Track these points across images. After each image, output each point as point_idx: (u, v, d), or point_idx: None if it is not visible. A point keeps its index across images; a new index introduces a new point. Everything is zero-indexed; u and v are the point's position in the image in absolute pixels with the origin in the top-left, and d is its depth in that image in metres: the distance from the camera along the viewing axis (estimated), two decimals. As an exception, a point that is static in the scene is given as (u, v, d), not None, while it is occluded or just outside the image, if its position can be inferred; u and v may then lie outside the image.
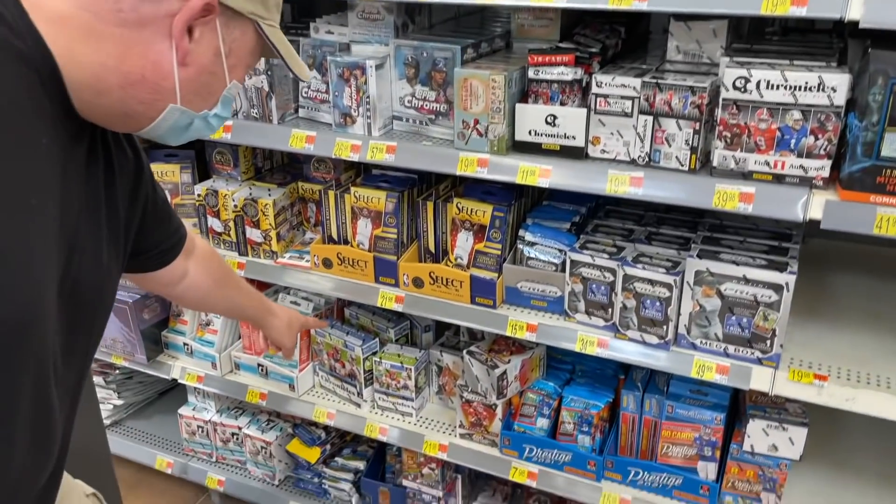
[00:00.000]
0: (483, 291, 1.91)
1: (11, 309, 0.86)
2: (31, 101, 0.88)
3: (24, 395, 0.93)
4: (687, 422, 1.85)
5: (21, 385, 0.92)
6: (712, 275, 1.64)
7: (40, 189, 0.90)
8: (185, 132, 1.07)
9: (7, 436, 0.93)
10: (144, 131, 1.03)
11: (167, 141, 1.08)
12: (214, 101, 1.06)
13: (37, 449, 1.01)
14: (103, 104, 0.95)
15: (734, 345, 1.66)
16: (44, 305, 0.92)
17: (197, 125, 1.07)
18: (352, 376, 2.23)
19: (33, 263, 0.89)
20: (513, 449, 2.04)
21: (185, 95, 0.99)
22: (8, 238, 0.85)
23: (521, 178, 1.71)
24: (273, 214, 2.16)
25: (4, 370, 0.89)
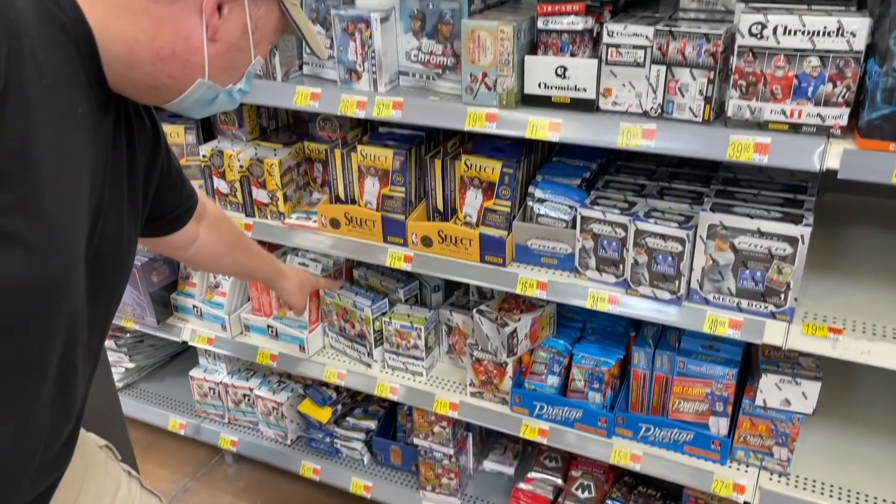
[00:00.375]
0: (493, 249, 1.89)
1: (53, 273, 0.91)
2: (70, 72, 0.91)
3: (54, 355, 0.98)
4: (699, 377, 1.84)
5: (53, 346, 0.97)
6: (726, 228, 1.61)
7: (77, 157, 0.95)
8: (210, 106, 1.11)
9: (37, 393, 0.98)
10: (171, 104, 1.06)
11: (191, 114, 1.11)
12: (239, 75, 1.09)
13: (60, 406, 1.06)
14: (135, 77, 0.99)
15: (747, 299, 1.64)
16: (78, 269, 0.96)
17: (221, 99, 1.10)
18: (362, 336, 2.23)
19: (72, 229, 0.94)
20: (523, 406, 2.04)
21: (212, 70, 1.03)
22: (55, 204, 0.89)
23: (530, 133, 1.67)
24: (279, 174, 2.13)
25: (41, 332, 0.94)
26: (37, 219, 0.87)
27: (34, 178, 0.86)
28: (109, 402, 2.08)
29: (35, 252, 0.88)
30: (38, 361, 0.96)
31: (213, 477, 2.85)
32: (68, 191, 0.93)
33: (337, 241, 2.09)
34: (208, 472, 2.88)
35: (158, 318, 2.55)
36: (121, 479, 1.52)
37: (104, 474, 1.48)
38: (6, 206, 0.84)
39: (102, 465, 1.49)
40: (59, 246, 0.91)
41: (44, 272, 0.89)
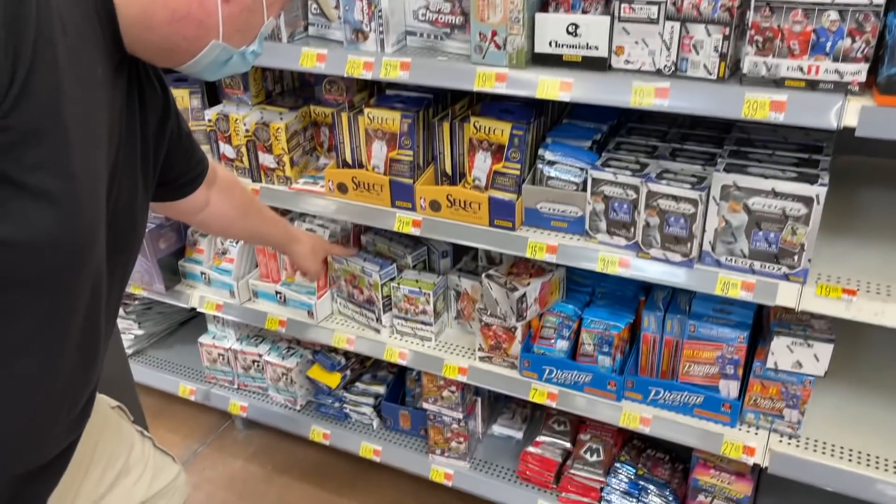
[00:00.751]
0: (502, 213, 1.87)
1: (81, 231, 0.93)
2: (90, 32, 0.93)
3: (80, 313, 1.01)
4: (709, 341, 1.83)
5: (79, 304, 1.00)
6: (739, 189, 1.59)
7: (96, 117, 0.96)
8: (223, 67, 1.11)
9: (63, 349, 1.01)
10: (185, 66, 1.06)
11: (204, 76, 1.12)
12: (252, 37, 1.10)
13: (84, 364, 1.10)
14: (150, 39, 1.00)
15: (760, 261, 1.63)
16: (101, 229, 0.98)
17: (235, 61, 1.10)
18: (370, 302, 2.22)
19: (96, 188, 0.96)
20: (532, 371, 2.04)
21: (226, 32, 1.03)
22: (81, 162, 0.91)
23: (540, 93, 1.64)
24: (286, 138, 2.11)
25: (69, 289, 0.97)
26: (66, 177, 0.89)
27: (63, 136, 0.88)
28: (120, 367, 2.09)
29: (64, 210, 0.89)
30: (65, 318, 0.98)
31: (223, 442, 2.87)
32: (92, 150, 0.94)
33: (344, 206, 2.08)
34: (219, 438, 2.90)
35: (167, 284, 2.55)
36: (134, 439, 1.54)
37: (118, 435, 1.50)
38: (37, 164, 0.85)
39: (116, 425, 1.51)
40: (86, 204, 0.93)
41: (72, 230, 0.91)
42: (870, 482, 1.69)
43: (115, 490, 1.45)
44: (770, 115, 1.45)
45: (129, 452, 1.51)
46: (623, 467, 2.15)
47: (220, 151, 2.24)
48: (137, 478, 1.50)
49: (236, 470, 2.74)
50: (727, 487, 1.96)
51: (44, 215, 0.87)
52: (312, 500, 2.59)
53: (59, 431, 1.14)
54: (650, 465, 2.17)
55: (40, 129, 0.85)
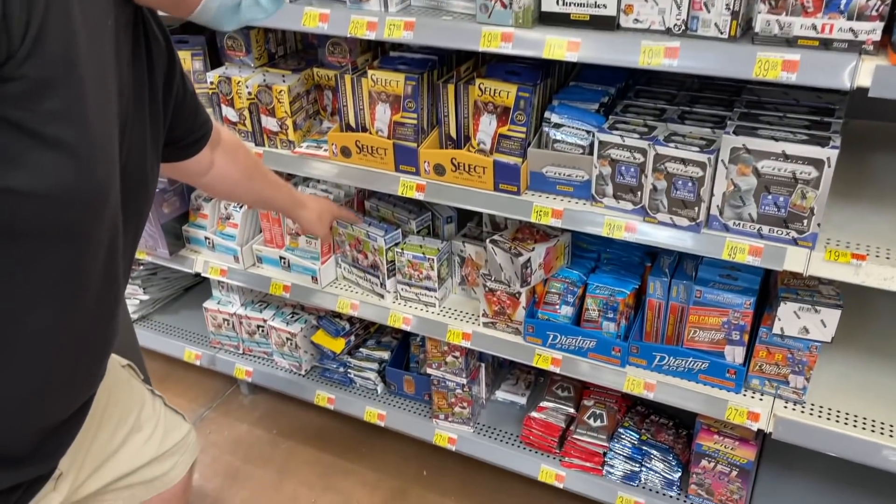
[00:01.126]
0: (507, 177, 1.84)
1: (97, 183, 0.93)
2: None
3: (97, 266, 1.01)
4: (715, 306, 1.81)
5: (98, 255, 1.00)
6: (749, 152, 1.56)
7: (108, 69, 0.95)
8: (236, 14, 1.09)
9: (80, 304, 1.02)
10: (195, 14, 1.05)
11: (222, 25, 1.11)
12: None
13: (102, 318, 1.11)
14: None
15: (769, 225, 1.60)
16: (116, 181, 0.98)
17: (246, 6, 1.09)
18: (374, 267, 2.21)
19: (110, 140, 0.96)
20: (536, 336, 2.03)
21: None
22: (96, 113, 0.91)
23: (547, 53, 1.61)
24: (288, 101, 2.08)
25: (84, 242, 0.96)
26: (81, 127, 0.89)
27: (77, 86, 0.87)
28: (125, 331, 2.09)
29: (81, 160, 0.89)
30: (82, 271, 0.99)
31: (229, 406, 2.89)
32: (105, 101, 0.94)
33: (347, 170, 2.06)
34: (224, 402, 2.92)
35: (171, 249, 2.54)
36: (145, 397, 1.56)
37: (129, 392, 1.52)
38: (53, 114, 0.85)
39: (126, 383, 1.52)
40: (101, 154, 0.93)
41: (88, 180, 0.91)
42: (875, 448, 1.69)
43: (127, 446, 1.47)
44: (782, 76, 1.42)
45: (139, 410, 1.52)
46: (626, 433, 2.15)
47: (223, 114, 2.22)
48: (149, 435, 1.52)
49: (241, 434, 2.76)
50: (731, 453, 1.96)
51: (60, 165, 0.87)
52: (317, 463, 2.61)
53: (80, 385, 1.16)
54: (654, 430, 2.17)
55: (55, 77, 0.85)
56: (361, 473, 2.55)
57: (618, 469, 2.13)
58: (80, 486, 1.36)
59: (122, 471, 1.46)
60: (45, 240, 0.92)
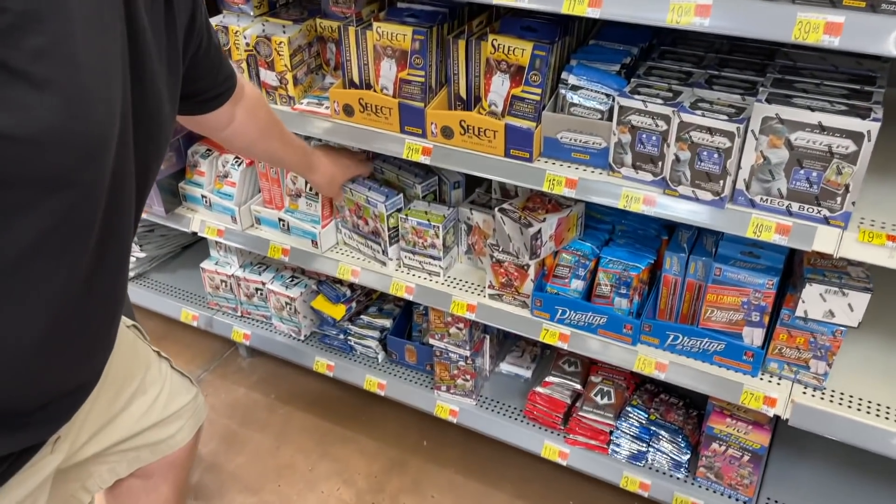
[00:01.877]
0: (519, 142, 1.73)
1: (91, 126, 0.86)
2: None
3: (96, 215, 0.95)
4: (735, 285, 1.71)
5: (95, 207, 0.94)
6: (782, 122, 1.44)
7: (107, 7, 0.88)
8: None
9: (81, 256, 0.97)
10: None
11: None
12: None
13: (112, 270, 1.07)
14: None
15: (799, 202, 1.49)
16: (115, 126, 0.91)
17: None
18: (376, 234, 2.11)
19: (109, 81, 0.89)
20: (544, 311, 1.94)
21: None
22: (89, 52, 0.84)
23: (567, 8, 1.48)
24: (288, 54, 1.96)
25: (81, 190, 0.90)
26: (71, 66, 0.83)
27: (65, 21, 0.81)
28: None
29: (71, 102, 0.83)
30: (81, 221, 0.93)
31: (226, 369, 2.83)
32: (104, 42, 0.87)
33: (350, 130, 1.94)
34: (222, 364, 2.85)
35: (167, 206, 2.45)
36: (150, 358, 1.51)
37: (134, 353, 1.47)
38: (38, 51, 0.79)
39: (132, 344, 1.48)
40: (96, 97, 0.87)
41: (82, 125, 0.85)
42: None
43: (130, 408, 1.44)
44: (823, 39, 1.29)
45: (145, 372, 1.48)
46: (634, 411, 2.07)
47: (220, 67, 2.10)
48: (154, 398, 1.49)
49: (239, 397, 2.70)
50: (743, 437, 1.88)
51: (48, 107, 0.81)
52: (315, 430, 2.55)
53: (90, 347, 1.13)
54: (663, 410, 2.09)
55: (40, 10, 0.78)
56: (360, 442, 2.49)
57: (624, 448, 2.06)
58: (79, 448, 1.33)
59: (123, 434, 1.42)
60: (35, 187, 0.86)
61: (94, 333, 1.12)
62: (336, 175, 2.03)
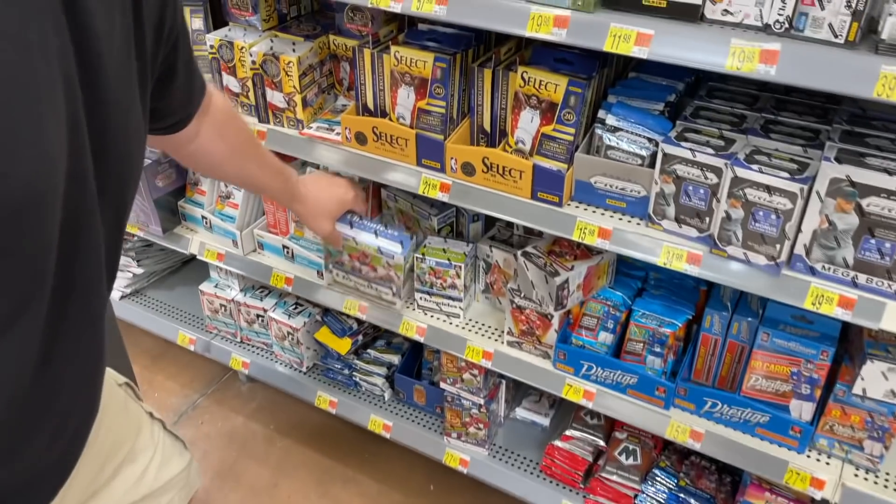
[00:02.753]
0: (548, 185, 1.56)
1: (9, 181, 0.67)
2: None
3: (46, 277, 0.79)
4: (785, 354, 1.53)
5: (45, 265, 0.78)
6: (853, 185, 1.26)
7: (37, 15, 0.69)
8: None
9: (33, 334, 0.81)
10: None
11: None
12: None
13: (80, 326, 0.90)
14: None
15: (867, 274, 1.31)
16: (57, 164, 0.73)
17: None
18: (386, 280, 1.92)
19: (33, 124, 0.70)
20: (568, 364, 1.77)
21: None
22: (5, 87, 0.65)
23: (610, 46, 1.30)
24: (297, 75, 1.79)
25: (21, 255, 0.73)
26: None
27: None
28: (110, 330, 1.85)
29: None
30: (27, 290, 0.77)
31: (225, 394, 2.68)
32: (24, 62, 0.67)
33: (362, 160, 1.77)
34: (220, 389, 2.70)
35: (164, 226, 2.29)
36: (142, 421, 1.32)
37: (124, 416, 1.28)
38: None
39: (122, 405, 1.29)
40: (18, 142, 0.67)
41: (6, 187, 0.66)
42: (965, 541, 1.42)
43: (118, 480, 1.24)
44: (914, 98, 1.11)
45: (135, 437, 1.29)
46: (662, 475, 1.90)
47: (223, 83, 1.93)
48: (144, 467, 1.29)
49: (236, 427, 2.55)
50: (783, 514, 1.71)
51: None
52: (315, 467, 2.39)
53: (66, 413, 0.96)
54: (693, 474, 1.92)
55: None
56: (362, 483, 2.34)
57: (649, 514, 1.89)
58: None
59: None
60: None
61: (68, 403, 0.96)
62: (325, 208, 1.76)
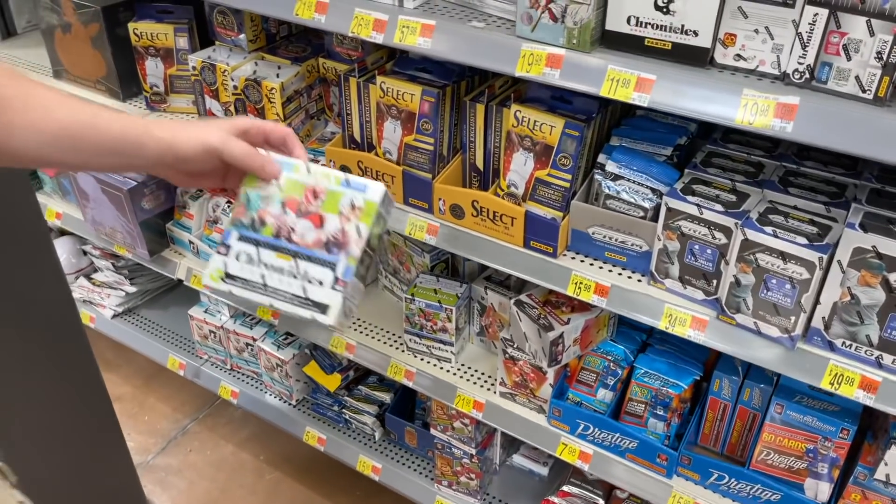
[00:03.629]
0: (541, 234, 1.42)
1: None
2: None
3: None
4: (800, 428, 1.38)
5: None
6: (880, 257, 1.10)
7: None
8: None
9: None
10: None
11: None
12: None
13: None
14: None
15: (894, 355, 1.15)
16: None
17: None
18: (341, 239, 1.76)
19: None
20: (564, 422, 1.63)
21: None
22: None
23: (607, 91, 1.16)
24: (281, 101, 1.68)
25: None
26: None
27: None
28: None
29: None
30: None
31: (217, 419, 2.58)
32: None
33: (347, 195, 1.65)
34: (213, 413, 2.61)
35: (152, 248, 2.19)
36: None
37: None
38: None
39: None
40: None
41: None
42: None
43: None
44: (953, 168, 0.95)
45: None
46: (664, 541, 1.75)
47: (207, 107, 1.82)
48: None
49: (225, 456, 2.45)
50: None
51: None
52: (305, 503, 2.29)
53: None
54: (698, 542, 1.77)
55: None
56: (351, 524, 2.23)
57: (649, 582, 1.75)
58: None
59: None
60: None
61: None
62: (207, 131, 0.96)
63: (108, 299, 2.56)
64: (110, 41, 1.88)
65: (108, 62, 1.91)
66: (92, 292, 2.57)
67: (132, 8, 1.89)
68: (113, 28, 1.87)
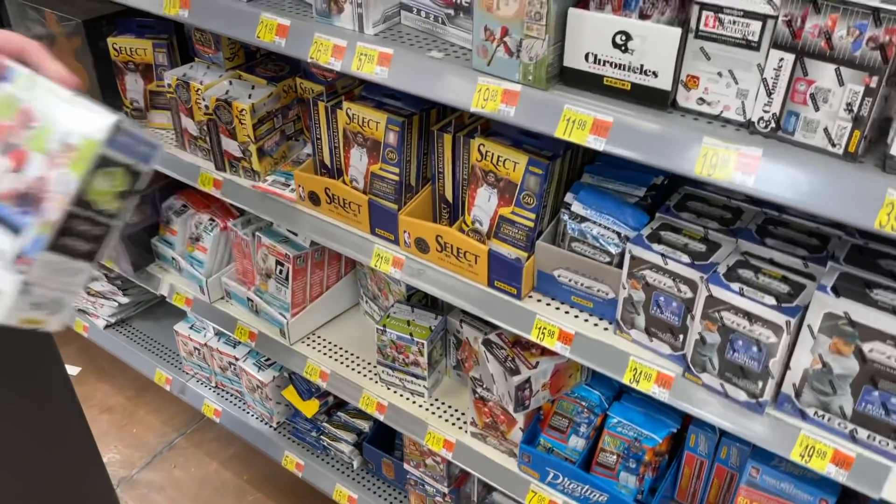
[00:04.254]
0: (505, 274, 1.34)
1: None
2: None
3: None
4: (776, 495, 1.28)
5: None
6: (853, 325, 1.00)
7: None
8: None
9: None
10: None
11: None
12: None
13: None
14: None
15: (869, 430, 1.05)
16: None
17: None
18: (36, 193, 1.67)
19: None
20: (533, 469, 1.55)
21: None
22: None
23: (562, 131, 1.08)
24: (251, 123, 1.62)
25: None
26: None
27: None
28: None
29: None
30: None
31: (203, 436, 2.55)
32: None
33: (314, 222, 1.60)
34: (200, 428, 2.58)
35: (136, 263, 2.17)
36: None
37: None
38: None
39: None
40: None
41: None
42: None
43: None
44: (927, 236, 0.85)
45: None
46: None
47: (182, 125, 1.78)
48: None
49: (209, 474, 2.41)
50: None
51: None
52: (283, 528, 2.24)
53: None
54: None
55: None
56: (330, 552, 2.17)
57: None
58: None
59: None
60: None
61: None
62: None
63: (102, 309, 2.55)
64: (92, 54, 1.85)
65: (90, 76, 1.88)
66: (86, 302, 2.56)
67: (115, 22, 1.86)
68: (95, 42, 1.84)
